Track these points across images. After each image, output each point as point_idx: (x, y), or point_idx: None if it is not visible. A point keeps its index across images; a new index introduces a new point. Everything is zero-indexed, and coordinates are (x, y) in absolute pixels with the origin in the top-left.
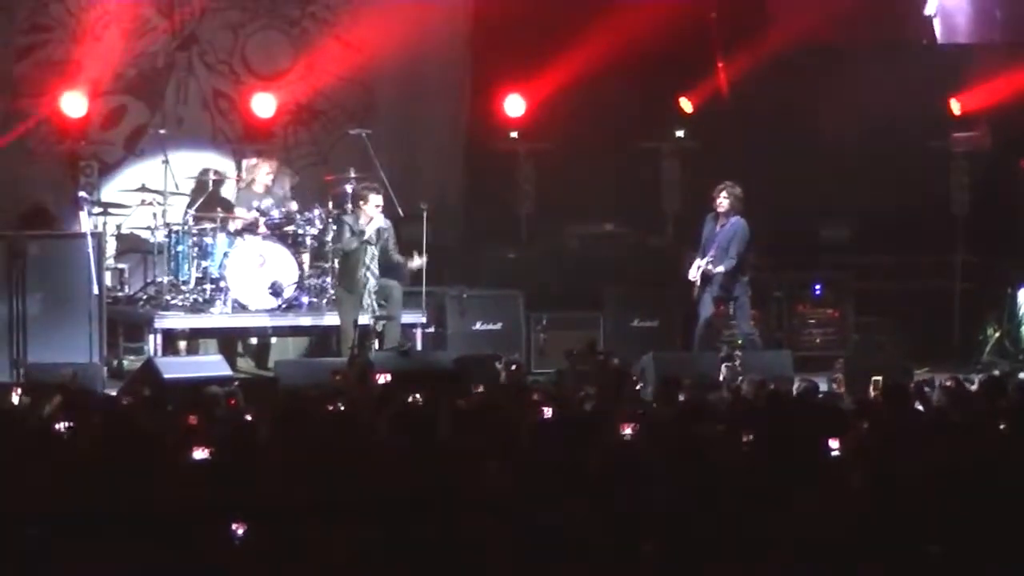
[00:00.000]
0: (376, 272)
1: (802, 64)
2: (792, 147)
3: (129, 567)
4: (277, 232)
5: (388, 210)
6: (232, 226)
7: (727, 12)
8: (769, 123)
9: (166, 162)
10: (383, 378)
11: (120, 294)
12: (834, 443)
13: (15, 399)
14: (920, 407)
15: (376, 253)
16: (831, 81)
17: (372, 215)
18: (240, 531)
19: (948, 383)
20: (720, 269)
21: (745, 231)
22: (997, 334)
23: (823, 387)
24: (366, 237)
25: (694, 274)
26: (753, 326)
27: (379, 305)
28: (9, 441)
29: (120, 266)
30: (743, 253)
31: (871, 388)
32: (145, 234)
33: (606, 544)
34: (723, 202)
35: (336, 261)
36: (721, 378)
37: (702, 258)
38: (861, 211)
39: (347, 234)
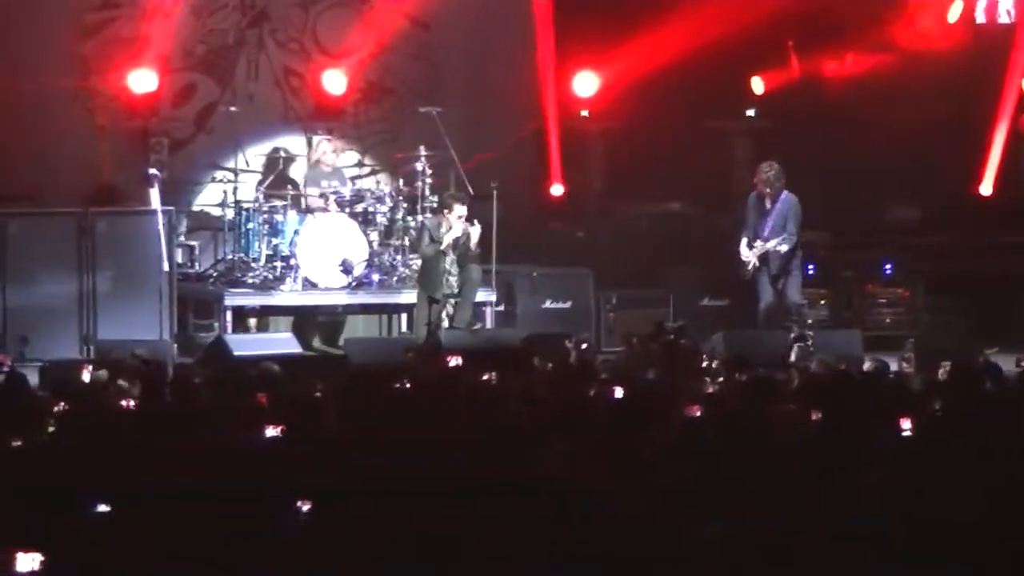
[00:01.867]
0: (456, 273)
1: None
2: (862, 127)
3: (194, 544)
4: (348, 210)
5: (459, 188)
6: (302, 203)
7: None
8: (839, 103)
9: (237, 140)
10: (454, 360)
11: (190, 271)
12: (906, 423)
13: (86, 377)
14: (991, 386)
15: (455, 258)
16: (901, 61)
17: (452, 224)
18: (305, 508)
19: None
20: (785, 247)
21: (798, 206)
22: None
23: (893, 367)
24: (443, 247)
25: (749, 255)
26: (803, 297)
27: (456, 287)
28: (79, 417)
29: (191, 243)
30: (800, 228)
31: (940, 371)
32: (216, 211)
33: (671, 526)
34: (762, 184)
35: (408, 244)
36: (792, 358)
37: (753, 239)
38: (932, 191)
39: (426, 240)
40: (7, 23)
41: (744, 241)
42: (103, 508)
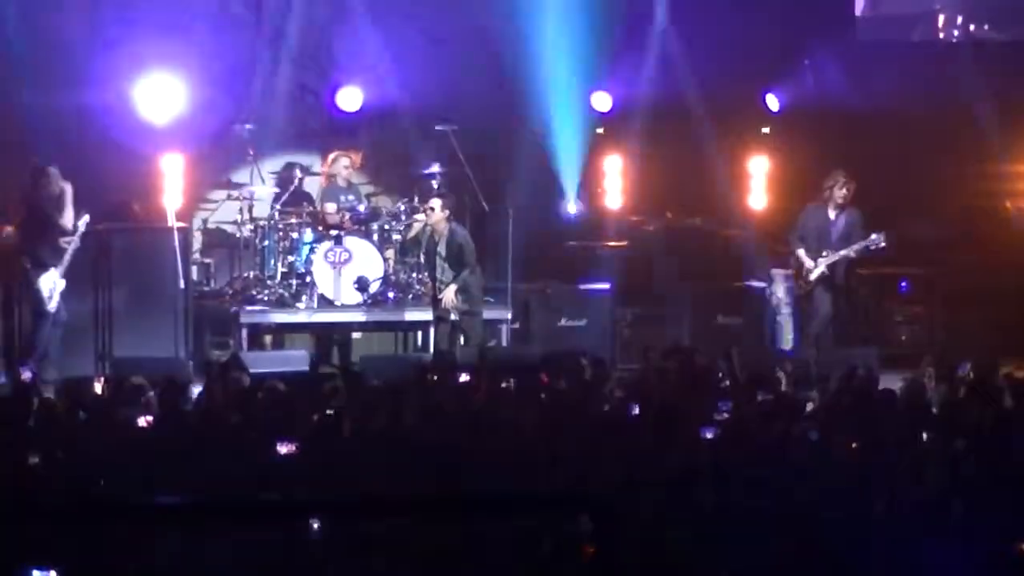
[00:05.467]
0: (447, 280)
1: (886, 59)
2: (878, 143)
3: (210, 559)
4: (363, 227)
5: (474, 206)
6: (318, 221)
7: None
8: (855, 119)
9: (252, 157)
10: (464, 376)
11: (206, 288)
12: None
13: (98, 389)
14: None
15: (445, 267)
16: (916, 76)
17: (423, 219)
18: (316, 524)
19: None
20: (850, 253)
21: (863, 220)
22: None
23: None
24: (411, 235)
25: (816, 263)
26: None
27: (460, 300)
28: (95, 434)
29: (206, 260)
30: None
31: (960, 380)
32: (231, 229)
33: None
34: (841, 192)
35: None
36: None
37: (818, 249)
38: (949, 207)
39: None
40: (27, 37)
41: (802, 251)
42: (119, 523)
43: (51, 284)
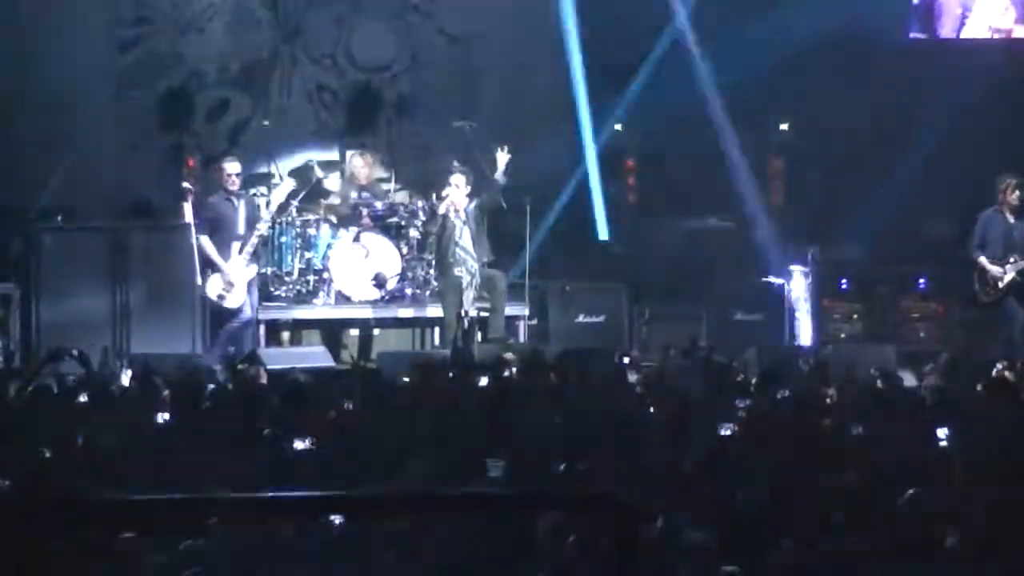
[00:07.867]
0: (471, 251)
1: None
2: (896, 141)
3: (229, 555)
4: (380, 224)
5: (492, 200)
6: (335, 217)
7: None
8: (873, 117)
9: (270, 155)
10: (482, 380)
11: None
12: (942, 432)
13: (124, 380)
14: None
15: (463, 229)
16: (936, 75)
17: (447, 194)
18: (337, 521)
19: None
20: None
21: None
22: None
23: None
24: (441, 211)
25: (1005, 270)
26: None
27: (482, 296)
28: (114, 429)
29: None
30: None
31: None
32: None
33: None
34: (1015, 195)
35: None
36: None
37: (1003, 255)
38: (967, 206)
39: (434, 220)
40: (45, 37)
41: (985, 259)
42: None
43: (221, 285)
